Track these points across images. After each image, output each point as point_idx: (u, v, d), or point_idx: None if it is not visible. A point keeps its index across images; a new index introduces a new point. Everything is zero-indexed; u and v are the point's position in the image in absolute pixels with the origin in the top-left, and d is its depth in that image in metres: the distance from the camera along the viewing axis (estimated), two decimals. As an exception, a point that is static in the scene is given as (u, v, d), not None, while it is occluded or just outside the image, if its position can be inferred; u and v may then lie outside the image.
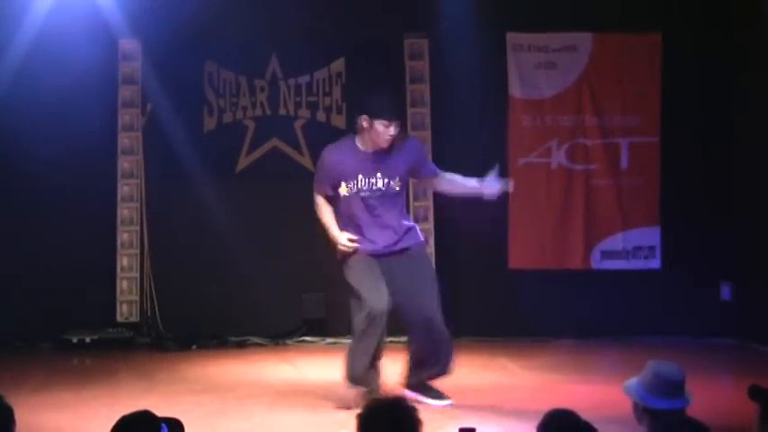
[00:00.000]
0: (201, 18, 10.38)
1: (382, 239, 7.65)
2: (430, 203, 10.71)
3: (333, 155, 7.66)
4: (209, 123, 10.82)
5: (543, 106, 10.78)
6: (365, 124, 7.56)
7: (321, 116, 10.87)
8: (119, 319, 10.56)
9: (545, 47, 10.78)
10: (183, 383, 8.59)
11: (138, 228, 10.62)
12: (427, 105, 10.78)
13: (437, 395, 7.65)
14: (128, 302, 10.60)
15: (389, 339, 7.73)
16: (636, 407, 4.40)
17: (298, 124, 10.87)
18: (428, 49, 10.77)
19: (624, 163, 10.76)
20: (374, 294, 7.43)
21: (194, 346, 10.28)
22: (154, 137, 10.61)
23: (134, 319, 10.57)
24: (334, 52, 10.86)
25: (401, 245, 7.70)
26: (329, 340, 10.60)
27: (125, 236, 10.64)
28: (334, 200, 7.71)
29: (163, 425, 3.74)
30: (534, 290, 10.65)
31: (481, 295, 10.67)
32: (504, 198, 10.67)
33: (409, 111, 10.75)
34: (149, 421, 3.72)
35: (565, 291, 10.71)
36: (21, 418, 3.92)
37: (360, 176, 7.58)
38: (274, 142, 10.82)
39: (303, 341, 10.58)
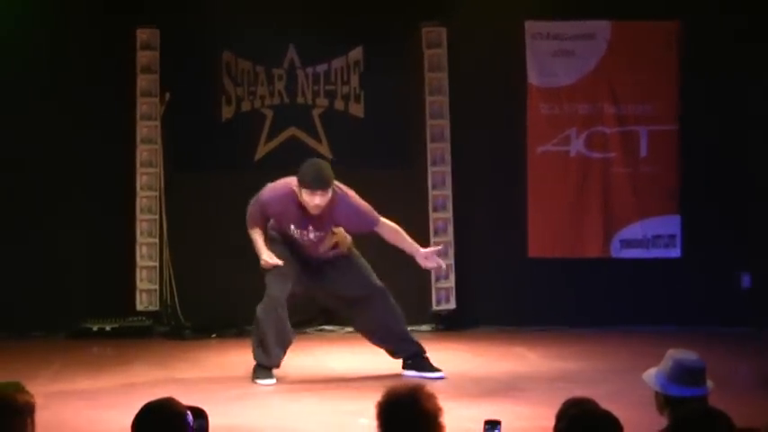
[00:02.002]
0: (219, 7, 10.40)
1: (308, 258, 8.19)
2: (449, 193, 10.70)
3: (273, 204, 8.07)
4: (228, 112, 10.83)
5: (561, 94, 10.77)
6: (296, 189, 7.88)
7: (339, 104, 10.87)
8: (138, 307, 10.57)
9: (563, 35, 10.77)
10: (202, 372, 8.60)
11: (157, 217, 10.63)
12: (445, 94, 10.76)
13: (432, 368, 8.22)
14: (147, 291, 10.61)
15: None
16: (657, 396, 4.39)
17: (316, 113, 10.87)
18: (446, 38, 10.75)
19: (643, 151, 10.74)
20: (277, 285, 8.04)
21: (213, 335, 10.29)
22: (172, 126, 10.63)
23: (153, 307, 10.58)
24: (352, 41, 10.85)
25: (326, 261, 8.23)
26: (348, 329, 10.59)
27: (144, 225, 10.65)
28: None
29: (187, 412, 3.73)
30: (553, 279, 10.65)
31: (500, 284, 10.67)
32: (522, 186, 10.71)
33: (427, 99, 10.75)
34: (174, 408, 3.72)
35: (584, 280, 10.69)
36: (41, 406, 3.93)
37: (292, 227, 8.02)
38: (292, 131, 10.82)
39: (322, 330, 10.58)
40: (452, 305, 10.65)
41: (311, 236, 8.01)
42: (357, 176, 10.55)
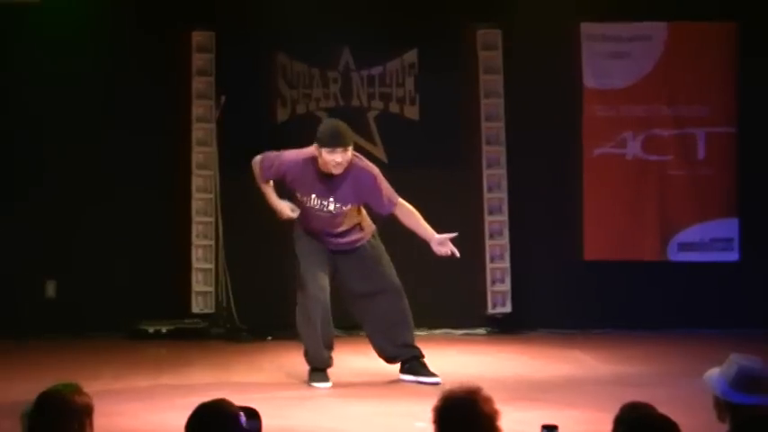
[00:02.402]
0: (274, 9, 10.43)
1: (327, 241, 8.07)
2: (504, 196, 10.67)
3: (294, 167, 7.97)
4: (282, 115, 10.86)
5: (618, 97, 10.72)
6: (316, 151, 7.82)
7: (394, 107, 10.87)
8: (194, 309, 10.62)
9: (619, 37, 10.73)
10: (258, 374, 8.63)
11: (212, 219, 10.68)
12: (501, 96, 10.73)
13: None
14: (203, 293, 10.66)
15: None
16: (717, 402, 4.34)
17: (371, 116, 10.88)
18: (501, 40, 10.73)
19: (701, 154, 10.66)
20: (316, 284, 7.96)
21: (269, 338, 10.31)
22: (228, 128, 10.66)
23: (209, 310, 10.62)
24: (407, 43, 10.85)
25: (346, 247, 8.08)
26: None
27: (200, 227, 10.70)
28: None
29: (240, 413, 3.75)
30: (610, 281, 10.60)
31: (556, 287, 10.63)
32: (578, 189, 10.66)
33: (483, 102, 10.73)
34: (227, 409, 3.74)
35: (641, 282, 10.63)
36: (98, 408, 3.95)
37: (313, 196, 7.91)
38: (348, 134, 10.81)
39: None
40: (508, 308, 10.62)
41: (331, 207, 7.89)
42: (412, 179, 10.54)
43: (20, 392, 5.13)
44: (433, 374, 8.09)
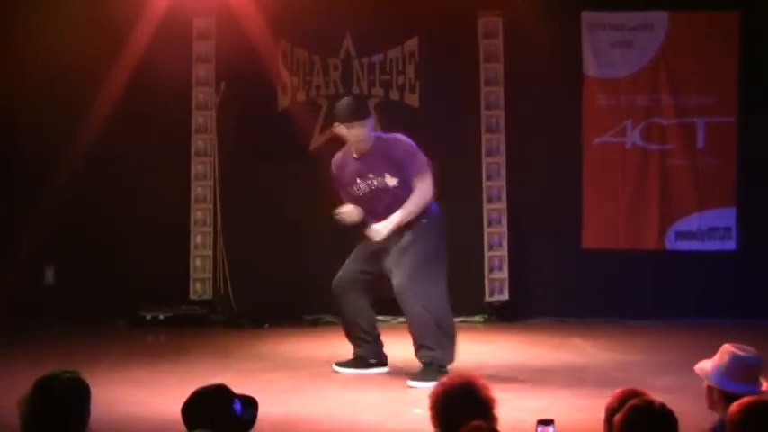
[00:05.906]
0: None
1: None
2: (503, 184, 10.66)
3: (333, 165, 8.14)
4: (283, 102, 10.85)
5: (618, 85, 10.70)
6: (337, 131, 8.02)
7: (395, 95, 10.86)
8: (192, 296, 10.63)
9: (621, 25, 10.70)
10: (257, 361, 8.64)
11: (211, 206, 10.68)
12: (501, 84, 10.72)
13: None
14: (201, 280, 10.67)
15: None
16: (710, 392, 4.34)
17: (371, 103, 10.86)
18: (502, 28, 10.71)
19: (700, 143, 10.65)
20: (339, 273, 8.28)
21: (267, 324, 10.31)
22: (227, 115, 10.65)
23: (207, 296, 10.64)
24: (408, 31, 10.83)
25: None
26: (401, 319, 10.59)
27: (198, 214, 10.71)
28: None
29: (236, 401, 3.76)
30: (608, 270, 10.60)
31: (555, 275, 10.63)
32: (578, 177, 10.65)
33: (483, 90, 10.72)
34: (222, 395, 3.75)
35: (639, 271, 10.63)
36: (97, 395, 3.96)
37: (358, 180, 7.94)
38: (348, 121, 10.80)
39: (376, 320, 10.55)
40: (505, 296, 10.63)
41: (375, 182, 7.90)
42: (412, 167, 10.54)
43: (18, 379, 5.13)
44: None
